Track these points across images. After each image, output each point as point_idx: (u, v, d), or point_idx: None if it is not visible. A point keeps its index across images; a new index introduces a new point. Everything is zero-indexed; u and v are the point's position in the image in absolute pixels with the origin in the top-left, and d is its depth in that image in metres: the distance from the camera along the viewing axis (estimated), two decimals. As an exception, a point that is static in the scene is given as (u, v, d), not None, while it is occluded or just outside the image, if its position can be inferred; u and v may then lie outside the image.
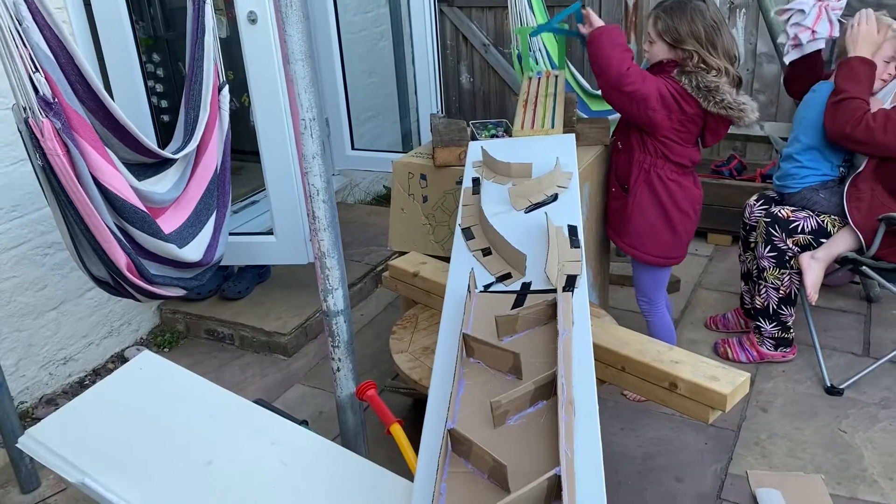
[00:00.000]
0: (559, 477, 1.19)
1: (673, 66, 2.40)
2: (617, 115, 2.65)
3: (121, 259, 2.34)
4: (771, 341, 2.91)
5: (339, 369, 1.71)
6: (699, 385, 1.67)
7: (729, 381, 1.66)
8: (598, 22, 2.42)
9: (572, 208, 1.87)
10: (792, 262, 2.77)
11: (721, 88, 2.32)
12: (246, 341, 3.30)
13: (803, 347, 2.99)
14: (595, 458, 1.28)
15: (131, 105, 2.93)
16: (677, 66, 2.39)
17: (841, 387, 2.75)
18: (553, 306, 1.59)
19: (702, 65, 2.34)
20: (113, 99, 2.29)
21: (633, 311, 3.38)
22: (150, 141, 2.43)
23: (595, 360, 1.50)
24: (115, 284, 2.46)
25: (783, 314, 2.85)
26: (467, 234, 1.88)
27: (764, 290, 2.84)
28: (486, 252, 1.82)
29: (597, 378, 1.45)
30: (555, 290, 1.63)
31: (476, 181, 2.08)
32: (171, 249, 2.51)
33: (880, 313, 3.28)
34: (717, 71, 2.34)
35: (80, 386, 3.07)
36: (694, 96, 2.34)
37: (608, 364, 1.84)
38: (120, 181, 2.30)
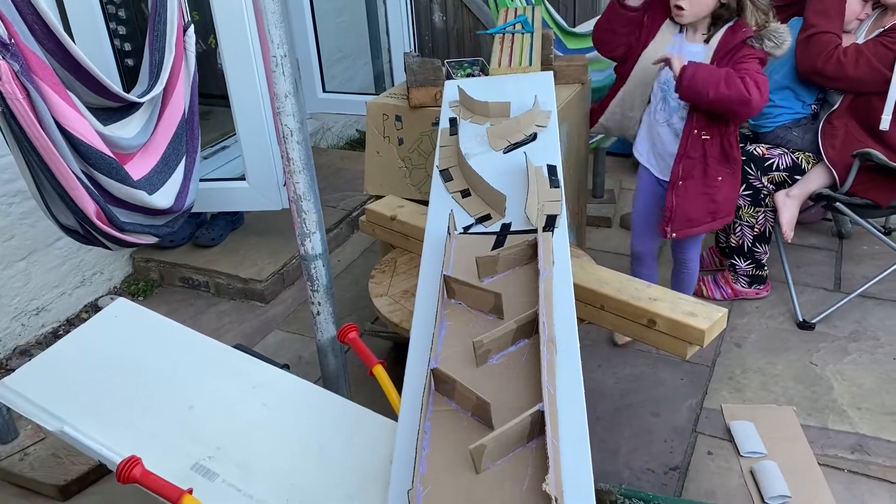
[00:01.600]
0: (542, 413, 1.20)
1: (743, 32, 2.24)
2: (594, 52, 2.62)
3: (89, 207, 2.29)
4: (745, 279, 2.95)
5: (318, 313, 1.70)
6: (677, 321, 1.68)
7: (707, 317, 1.68)
8: (675, 63, 2.23)
9: (551, 148, 1.85)
10: (767, 201, 2.78)
11: (781, 29, 2.26)
12: (221, 289, 3.27)
13: (776, 284, 3.03)
14: (577, 394, 1.30)
15: (93, 47, 2.82)
16: (747, 36, 2.23)
17: (812, 321, 2.80)
18: (533, 246, 1.59)
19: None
20: (74, 41, 2.20)
21: (610, 252, 3.40)
22: (114, 84, 2.35)
23: (574, 299, 1.50)
24: (84, 233, 2.41)
25: (758, 252, 2.88)
26: (445, 175, 1.86)
27: (739, 228, 2.86)
28: (465, 193, 1.79)
29: (576, 317, 1.45)
30: (535, 231, 1.62)
31: (453, 121, 2.04)
32: (141, 196, 2.45)
33: (851, 249, 3.33)
34: (768, 9, 2.25)
35: (54, 336, 3.03)
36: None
37: (587, 303, 1.85)
38: (84, 126, 2.23)
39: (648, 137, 2.49)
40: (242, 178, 3.24)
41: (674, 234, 2.44)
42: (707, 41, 2.32)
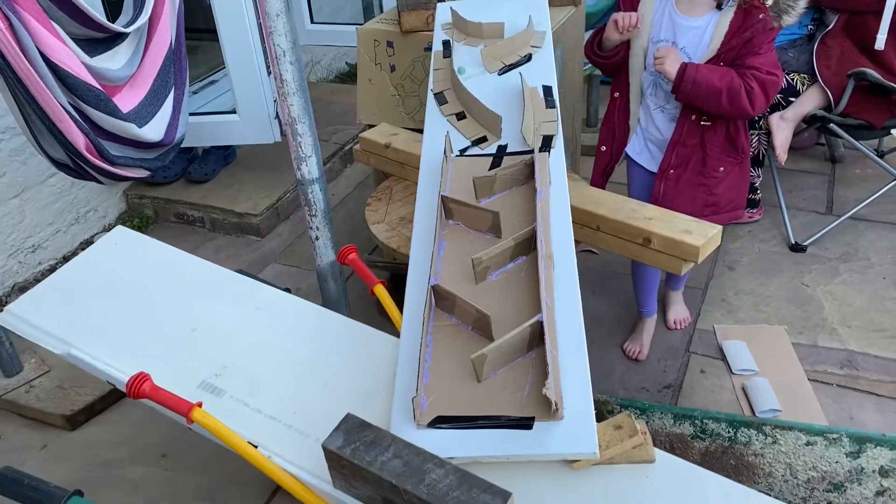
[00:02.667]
0: (541, 323, 1.23)
1: (760, 20, 1.92)
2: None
3: (79, 140, 2.27)
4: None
5: (317, 238, 1.71)
6: (673, 239, 1.70)
7: (701, 234, 1.70)
8: (674, 56, 1.97)
9: (547, 68, 1.83)
10: (761, 123, 2.78)
11: None
12: (217, 224, 3.27)
13: (769, 208, 3.05)
14: (574, 307, 1.32)
15: (74, -24, 2.74)
16: (765, 25, 1.92)
17: (804, 244, 2.83)
18: (530, 166, 1.59)
19: None
20: (54, -33, 2.14)
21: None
22: (97, 14, 2.29)
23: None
24: (75, 167, 2.39)
25: (751, 175, 2.89)
26: (440, 98, 1.84)
27: (733, 152, 2.86)
28: (461, 116, 1.78)
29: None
30: (531, 151, 1.62)
31: (446, 44, 2.01)
32: (131, 129, 2.43)
33: (844, 173, 3.35)
34: None
35: (52, 273, 3.04)
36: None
37: (583, 224, 1.86)
38: (70, 57, 2.19)
39: (641, 130, 2.20)
40: (233, 112, 3.21)
41: None
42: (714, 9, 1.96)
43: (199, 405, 1.15)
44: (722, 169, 2.11)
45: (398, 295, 1.44)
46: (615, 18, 2.02)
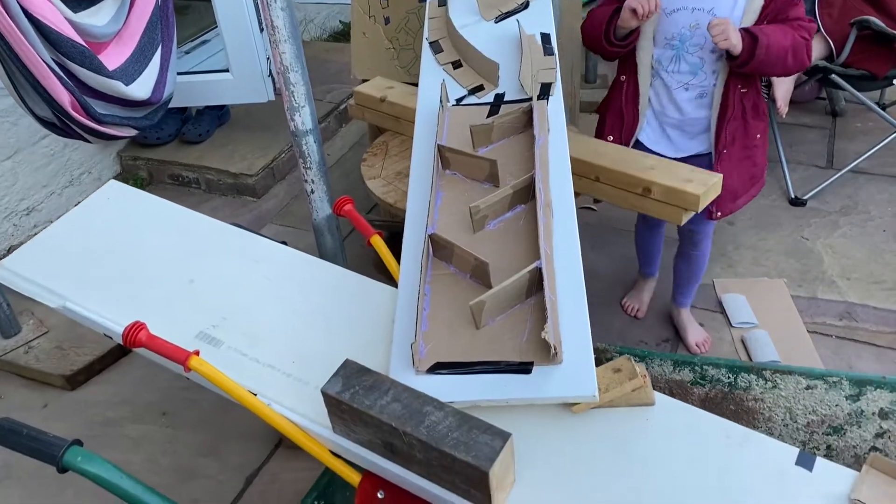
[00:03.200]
0: (539, 269, 1.21)
1: None
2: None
3: (63, 97, 2.23)
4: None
5: (313, 191, 1.68)
6: (673, 188, 1.68)
7: (702, 182, 1.68)
8: (734, 37, 1.75)
9: (545, 15, 1.79)
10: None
11: None
12: (212, 185, 3.24)
13: (769, 162, 3.01)
14: (574, 255, 1.31)
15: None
16: None
17: (804, 198, 2.82)
18: (528, 114, 1.56)
19: None
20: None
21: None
22: (82, -34, 2.25)
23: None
24: (61, 125, 2.36)
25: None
26: (435, 47, 1.81)
27: (733, 105, 2.82)
28: (457, 65, 1.75)
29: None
30: (529, 99, 1.59)
31: (441, -7, 1.97)
32: (118, 87, 2.38)
33: (845, 127, 3.32)
34: None
35: (48, 237, 3.02)
36: None
37: (582, 175, 1.84)
38: (52, 12, 2.15)
39: (655, 114, 1.99)
40: (226, 71, 3.16)
41: (719, 214, 2.00)
42: None
43: (197, 353, 1.15)
44: (759, 136, 1.97)
45: (395, 252, 1.42)
46: (633, 5, 1.77)
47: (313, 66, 3.93)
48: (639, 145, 2.02)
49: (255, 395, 1.17)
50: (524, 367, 1.15)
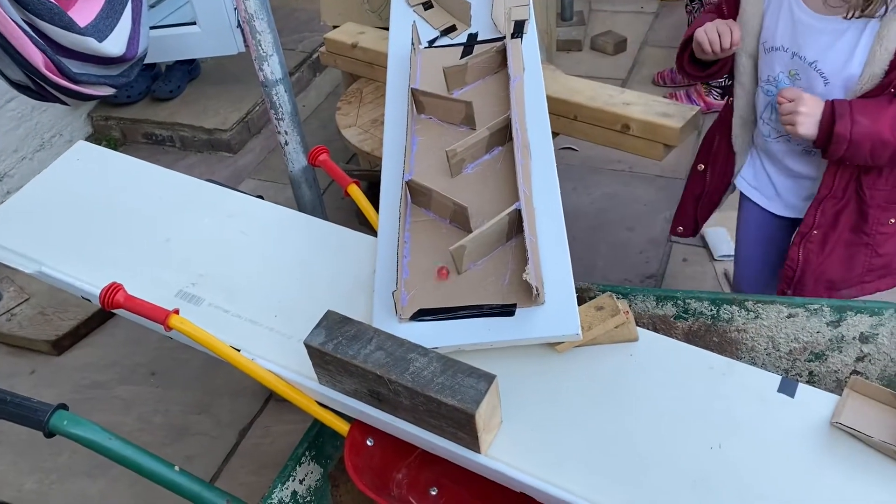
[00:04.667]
0: (519, 211, 1.20)
1: None
2: None
3: (36, 57, 2.16)
4: (718, 90, 2.92)
5: (286, 143, 1.66)
6: (651, 123, 1.67)
7: (681, 116, 1.66)
8: (811, 104, 1.34)
9: (515, -50, 1.74)
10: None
11: None
12: (187, 141, 3.19)
13: (748, 94, 3.00)
14: (553, 196, 1.30)
15: None
16: None
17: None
18: (502, 53, 1.53)
19: None
20: None
21: (581, 76, 3.32)
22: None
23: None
24: (36, 88, 2.29)
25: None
26: (405, -12, 1.76)
27: (711, 37, 2.77)
28: (428, 5, 1.71)
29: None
30: (503, 38, 1.56)
31: (409, -69, 1.91)
32: (90, 44, 2.31)
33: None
34: None
35: (22, 203, 2.97)
36: None
37: (559, 115, 1.82)
38: (15, -32, 2.07)
39: (757, 153, 1.63)
40: (193, 24, 3.07)
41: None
42: (857, 14, 1.28)
43: (177, 311, 1.13)
44: (893, 221, 1.49)
45: (374, 202, 1.40)
46: (699, 39, 1.43)
47: (282, 15, 3.86)
48: (745, 200, 1.72)
49: (239, 350, 1.17)
50: (507, 310, 1.15)
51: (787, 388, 1.10)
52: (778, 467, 1.01)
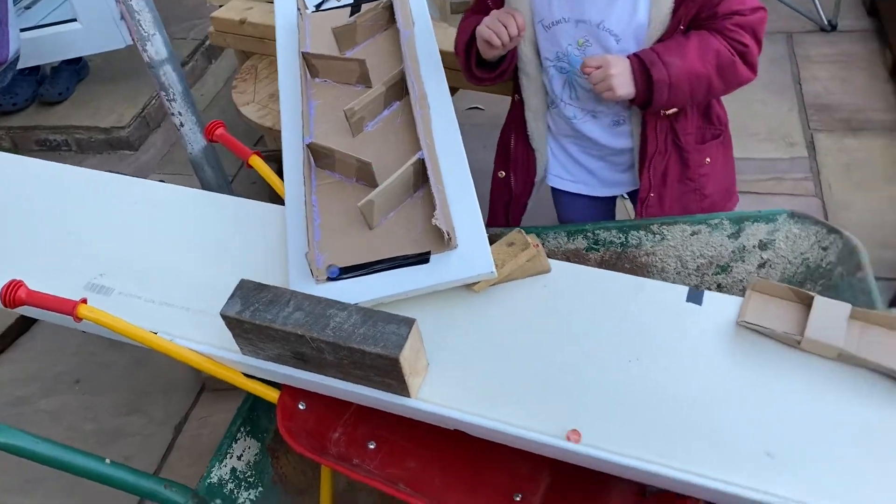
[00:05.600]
0: (422, 160, 1.21)
1: None
2: None
3: None
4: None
5: (182, 124, 1.62)
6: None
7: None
8: (619, 64, 1.31)
9: None
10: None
11: None
12: (84, 144, 3.06)
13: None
14: (455, 144, 1.31)
15: None
16: None
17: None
18: (389, 9, 1.53)
19: None
20: None
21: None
22: None
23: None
24: None
25: None
26: (285, -45, 1.73)
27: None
28: (310, -30, 1.68)
29: (449, 86, 1.43)
30: (389, -6, 1.56)
31: None
32: (-43, 49, 2.20)
33: None
34: None
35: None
36: None
37: (454, 69, 1.82)
38: None
39: (559, 147, 1.60)
40: (74, 21, 2.94)
41: None
42: None
43: (84, 301, 1.10)
44: (708, 160, 1.50)
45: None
46: (484, 36, 1.35)
47: (170, 4, 3.73)
48: (560, 194, 1.68)
49: (156, 333, 1.14)
50: (422, 258, 1.16)
51: (695, 297, 1.15)
52: (693, 370, 1.06)
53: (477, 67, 1.47)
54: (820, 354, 1.05)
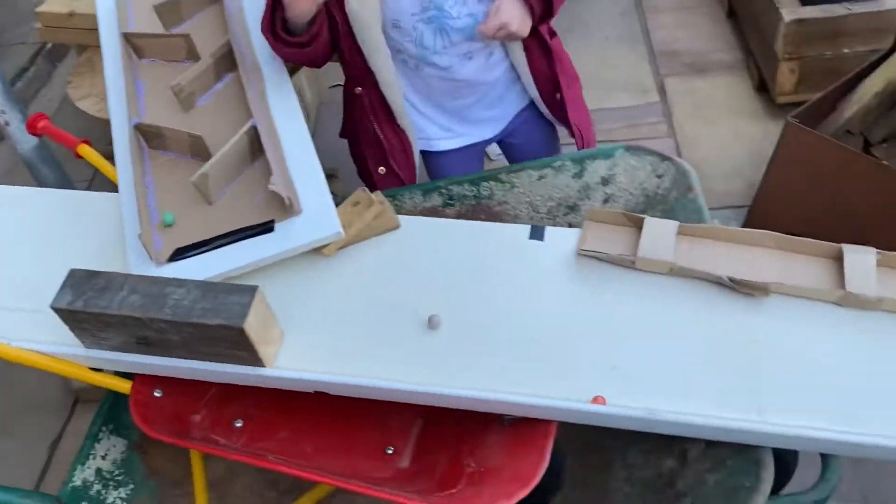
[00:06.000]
0: (255, 128, 1.19)
1: None
2: None
3: None
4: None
5: (7, 123, 1.52)
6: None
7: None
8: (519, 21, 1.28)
9: None
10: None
11: None
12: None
13: None
14: (292, 109, 1.29)
15: None
16: None
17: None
18: (215, -18, 1.48)
19: None
20: None
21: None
22: None
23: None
24: None
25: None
26: (100, -64, 1.64)
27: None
28: (128, -51, 1.61)
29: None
30: (213, -32, 1.51)
31: None
32: None
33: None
34: None
35: None
36: None
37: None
38: None
39: (427, 116, 1.54)
40: None
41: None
42: None
43: None
44: (559, 40, 1.54)
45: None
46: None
47: (2, 11, 3.49)
48: (437, 156, 1.61)
49: (-12, 340, 1.08)
50: (266, 227, 1.14)
51: (537, 233, 1.19)
52: (539, 301, 1.10)
53: (284, 31, 1.28)
54: (654, 271, 1.10)
